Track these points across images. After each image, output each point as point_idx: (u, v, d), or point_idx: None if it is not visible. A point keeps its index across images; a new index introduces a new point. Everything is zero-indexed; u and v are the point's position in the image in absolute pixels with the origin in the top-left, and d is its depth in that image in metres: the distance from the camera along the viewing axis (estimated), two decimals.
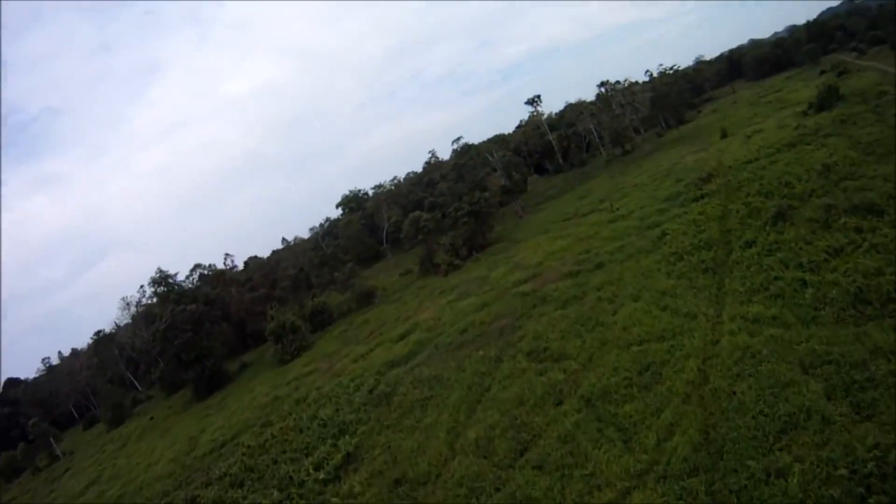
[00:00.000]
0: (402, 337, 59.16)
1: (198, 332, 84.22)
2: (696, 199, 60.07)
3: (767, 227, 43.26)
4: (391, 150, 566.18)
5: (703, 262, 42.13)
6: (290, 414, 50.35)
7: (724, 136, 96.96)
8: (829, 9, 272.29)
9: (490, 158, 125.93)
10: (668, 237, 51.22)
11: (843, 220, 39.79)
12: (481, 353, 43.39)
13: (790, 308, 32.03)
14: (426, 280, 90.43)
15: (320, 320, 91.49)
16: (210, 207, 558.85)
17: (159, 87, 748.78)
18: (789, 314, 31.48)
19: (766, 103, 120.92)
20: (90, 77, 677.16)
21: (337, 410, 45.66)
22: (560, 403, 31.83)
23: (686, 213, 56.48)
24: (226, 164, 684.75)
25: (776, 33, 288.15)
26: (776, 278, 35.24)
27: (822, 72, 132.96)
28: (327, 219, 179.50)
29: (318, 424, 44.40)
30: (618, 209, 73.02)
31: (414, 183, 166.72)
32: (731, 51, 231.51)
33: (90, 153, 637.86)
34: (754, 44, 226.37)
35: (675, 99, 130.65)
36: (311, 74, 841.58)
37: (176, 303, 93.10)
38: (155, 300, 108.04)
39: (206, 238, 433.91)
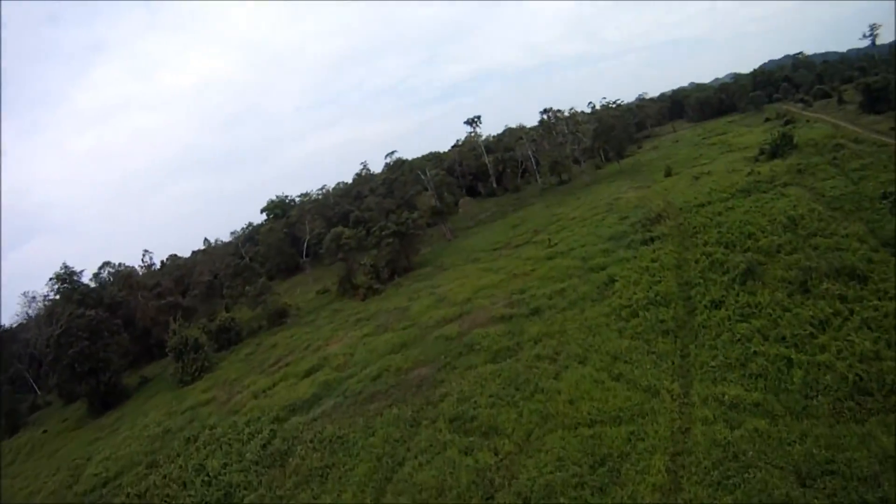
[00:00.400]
0: (308, 373, 52.32)
1: (94, 341, 74.70)
2: (645, 242, 55.24)
3: (736, 286, 38.32)
4: (326, 158, 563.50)
5: (661, 321, 36.64)
6: (178, 456, 43.60)
7: (668, 174, 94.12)
8: (772, 60, 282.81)
9: (422, 176, 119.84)
10: (616, 285, 45.80)
11: (824, 285, 35.19)
12: (395, 411, 36.53)
13: (775, 393, 26.85)
14: (343, 303, 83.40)
15: (227, 338, 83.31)
16: (142, 198, 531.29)
17: (102, 68, 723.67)
18: (774, 401, 26.31)
19: (709, 145, 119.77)
20: (33, 48, 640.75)
21: (226, 465, 38.69)
22: (490, 499, 25.32)
23: (636, 257, 51.46)
24: (162, 154, 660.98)
25: (717, 79, 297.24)
26: (755, 353, 29.87)
27: (767, 119, 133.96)
28: (249, 223, 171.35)
29: (203, 482, 37.52)
30: (556, 244, 67.89)
31: (342, 194, 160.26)
32: (674, 91, 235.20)
33: (24, 128, 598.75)
34: (698, 87, 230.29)
35: (619, 132, 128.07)
36: (256, 72, 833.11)
37: (78, 304, 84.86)
38: (59, 297, 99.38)
39: (134, 229, 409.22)
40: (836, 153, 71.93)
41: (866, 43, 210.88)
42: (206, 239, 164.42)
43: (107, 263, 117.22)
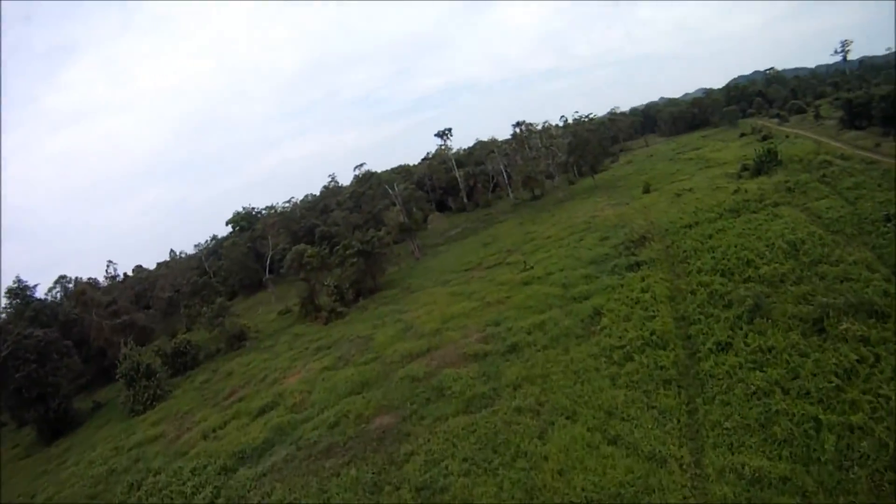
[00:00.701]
0: (262, 411, 47.27)
1: (43, 364, 69.17)
2: (631, 268, 51.03)
3: (743, 325, 33.93)
4: (297, 168, 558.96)
5: (661, 367, 31.87)
6: None
7: (646, 190, 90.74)
8: (741, 76, 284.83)
9: (390, 191, 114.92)
10: (603, 319, 41.07)
11: (843, 325, 31.01)
12: (353, 472, 31.28)
13: (804, 464, 22.40)
14: (304, 326, 78.18)
15: (182, 362, 77.96)
16: (113, 204, 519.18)
17: (74, 70, 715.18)
18: (804, 474, 21.75)
19: (686, 160, 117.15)
20: (6, 47, 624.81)
21: None
22: None
23: (622, 285, 47.01)
24: (133, 160, 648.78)
25: (688, 94, 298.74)
26: (778, 412, 25.37)
27: (742, 134, 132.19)
28: (214, 236, 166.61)
29: None
30: (531, 267, 63.35)
31: (308, 208, 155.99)
32: (646, 105, 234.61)
33: None
34: (670, 101, 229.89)
35: (595, 146, 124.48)
36: (228, 79, 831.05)
37: (30, 321, 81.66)
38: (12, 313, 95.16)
39: (104, 237, 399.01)
40: (824, 170, 69.14)
41: (837, 59, 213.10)
42: (171, 250, 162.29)
43: (62, 278, 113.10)
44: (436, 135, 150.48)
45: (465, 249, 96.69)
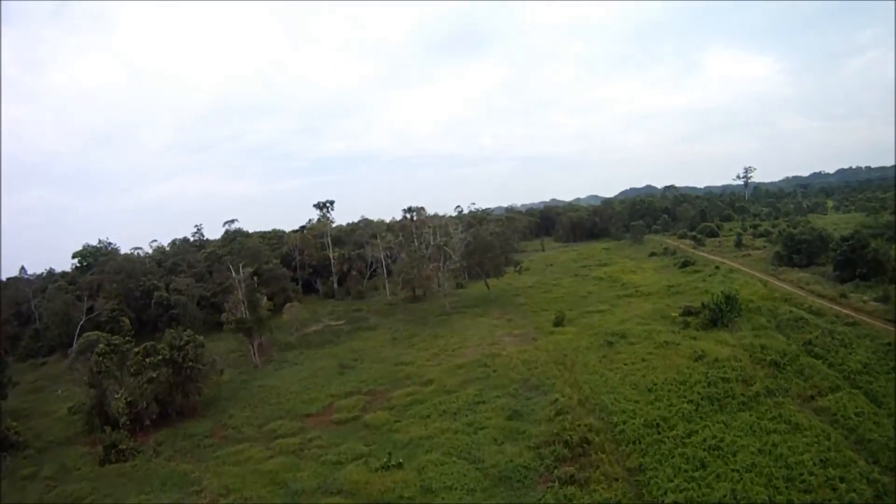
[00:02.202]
0: None
1: None
2: None
3: None
4: (187, 204, 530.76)
5: None
6: None
7: (559, 323, 70.77)
8: (633, 189, 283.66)
9: (234, 274, 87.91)
10: None
11: None
12: None
13: None
14: (80, 453, 52.86)
15: None
16: None
17: None
18: None
19: (596, 279, 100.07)
20: None
21: None
22: None
23: None
24: (23, 151, 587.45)
25: (579, 198, 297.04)
26: None
27: (653, 253, 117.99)
28: (50, 269, 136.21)
29: None
30: (399, 463, 39.78)
31: (159, 260, 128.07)
32: (545, 205, 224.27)
33: None
34: (569, 206, 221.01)
35: (496, 254, 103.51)
36: (140, 95, 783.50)
37: None
38: None
39: None
40: (806, 334, 52.32)
41: (731, 181, 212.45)
42: (22, 267, 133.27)
43: None
44: (315, 205, 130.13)
45: (316, 370, 70.96)
